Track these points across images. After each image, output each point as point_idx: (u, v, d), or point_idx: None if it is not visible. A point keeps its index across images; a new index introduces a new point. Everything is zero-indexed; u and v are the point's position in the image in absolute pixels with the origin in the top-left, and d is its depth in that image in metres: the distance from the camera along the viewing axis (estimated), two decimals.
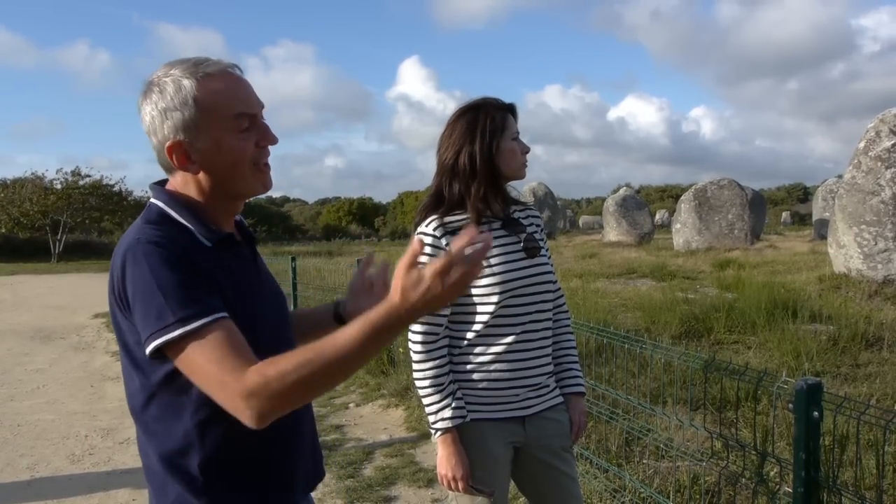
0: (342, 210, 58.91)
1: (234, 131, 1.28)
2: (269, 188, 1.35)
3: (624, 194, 23.49)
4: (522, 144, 1.98)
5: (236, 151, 1.28)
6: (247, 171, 1.31)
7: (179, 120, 1.25)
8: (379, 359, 6.21)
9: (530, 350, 1.94)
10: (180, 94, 1.25)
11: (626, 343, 3.37)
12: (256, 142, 1.31)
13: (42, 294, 15.46)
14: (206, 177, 1.30)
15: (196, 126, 1.26)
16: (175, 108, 1.25)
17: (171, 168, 1.31)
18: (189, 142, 1.27)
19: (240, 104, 1.29)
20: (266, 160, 1.34)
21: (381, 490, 3.86)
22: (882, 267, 8.54)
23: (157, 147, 1.30)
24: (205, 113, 1.26)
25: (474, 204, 1.92)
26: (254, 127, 1.31)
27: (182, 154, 1.27)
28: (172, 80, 1.26)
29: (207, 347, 1.14)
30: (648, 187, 72.18)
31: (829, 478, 2.26)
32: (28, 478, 4.27)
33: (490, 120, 1.93)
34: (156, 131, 1.28)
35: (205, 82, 1.26)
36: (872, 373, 5.25)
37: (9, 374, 7.21)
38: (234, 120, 1.28)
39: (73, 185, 30.86)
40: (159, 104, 1.26)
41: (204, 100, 1.26)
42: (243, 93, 1.31)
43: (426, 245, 1.90)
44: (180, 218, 1.28)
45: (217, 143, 1.27)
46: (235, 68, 1.32)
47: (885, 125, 8.62)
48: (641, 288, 9.99)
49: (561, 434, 2.02)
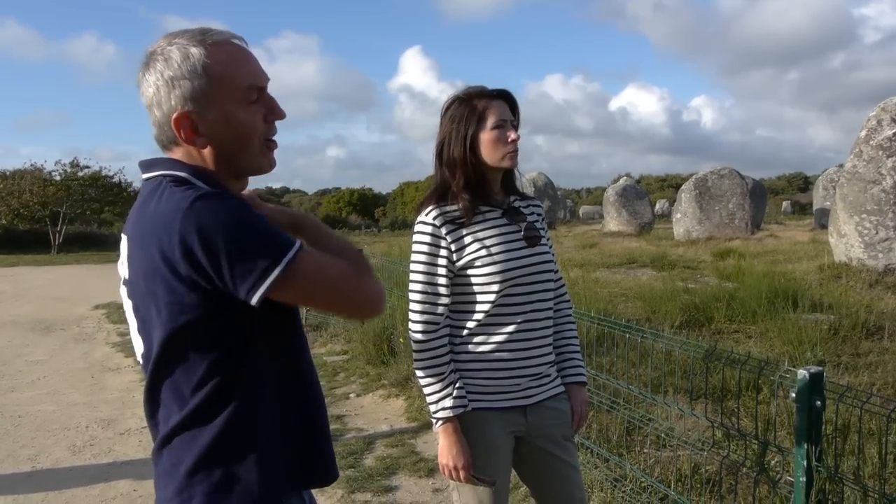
0: (342, 201, 58.80)
1: (243, 103, 1.23)
2: (273, 167, 1.30)
3: (624, 184, 23.44)
4: (507, 132, 1.92)
5: (247, 124, 1.23)
6: (256, 146, 1.26)
7: (188, 89, 1.19)
8: (379, 349, 6.21)
9: (532, 339, 1.94)
10: (188, 61, 1.19)
11: (626, 332, 3.37)
12: (264, 116, 1.26)
13: (42, 285, 15.46)
14: (212, 152, 1.24)
15: (206, 96, 1.20)
16: (183, 77, 1.19)
17: (172, 143, 1.25)
18: (198, 112, 1.20)
19: (249, 75, 1.24)
20: (273, 136, 1.29)
21: (381, 480, 3.86)
22: (883, 256, 8.52)
23: (160, 120, 1.23)
24: (215, 82, 1.20)
25: (459, 194, 1.92)
26: (262, 100, 1.26)
27: (190, 126, 1.21)
28: (179, 49, 1.20)
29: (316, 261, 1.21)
30: (649, 177, 72.05)
31: (830, 467, 2.26)
32: (29, 469, 4.27)
33: (469, 110, 1.92)
34: (160, 103, 1.21)
35: (213, 50, 1.21)
36: (873, 362, 5.24)
37: (9, 366, 7.22)
38: (245, 91, 1.23)
39: (72, 176, 30.79)
40: (165, 73, 1.20)
41: (214, 68, 1.20)
42: (252, 63, 1.25)
43: (426, 234, 1.90)
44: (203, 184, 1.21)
45: (227, 115, 1.22)
46: (241, 40, 1.26)
47: (887, 114, 8.59)
48: (642, 277, 9.98)
49: (562, 423, 2.01)
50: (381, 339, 6.26)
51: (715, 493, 3.08)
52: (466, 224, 1.90)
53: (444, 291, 1.90)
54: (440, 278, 1.90)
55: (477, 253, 1.89)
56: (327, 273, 1.21)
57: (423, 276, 1.91)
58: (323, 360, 6.73)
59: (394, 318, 6.20)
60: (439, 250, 1.90)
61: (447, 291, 1.90)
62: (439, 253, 1.90)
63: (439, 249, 1.90)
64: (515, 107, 2.00)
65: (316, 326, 8.19)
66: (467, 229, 1.90)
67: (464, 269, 1.90)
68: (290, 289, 1.17)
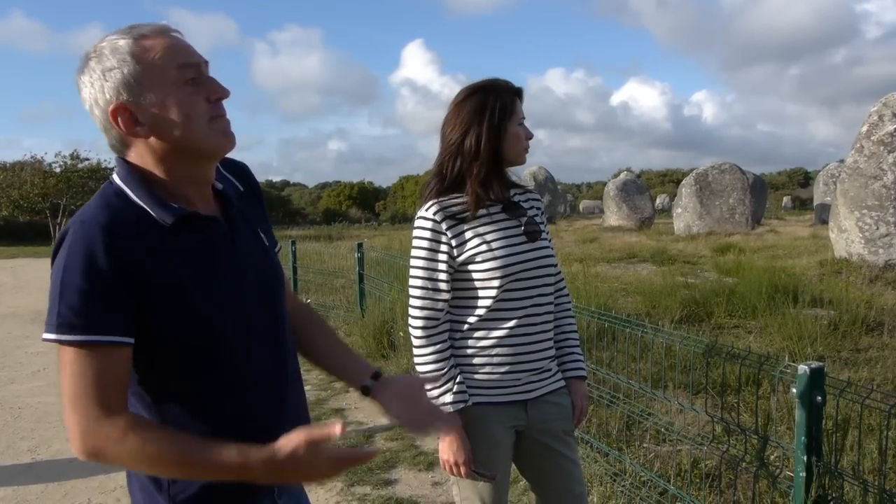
0: (342, 194, 58.81)
1: (179, 83, 1.18)
2: (233, 143, 1.24)
3: (625, 179, 23.44)
4: (527, 130, 1.96)
5: (186, 105, 1.18)
6: (202, 125, 1.20)
7: (119, 78, 1.16)
8: (379, 343, 6.21)
9: (532, 334, 1.93)
10: (117, 53, 1.16)
11: (626, 327, 3.36)
12: (206, 97, 1.21)
13: (42, 277, 15.44)
14: (157, 141, 1.20)
15: (138, 82, 1.16)
16: (114, 67, 1.16)
17: (122, 144, 1.22)
18: (133, 101, 1.17)
19: (179, 55, 1.20)
20: (221, 113, 1.24)
21: (381, 473, 3.86)
22: (883, 251, 8.51)
23: (102, 121, 1.20)
24: (146, 67, 1.17)
25: (473, 187, 1.90)
26: (201, 81, 1.21)
27: (128, 117, 1.17)
28: (108, 43, 1.18)
29: (76, 369, 1.12)
30: (649, 172, 72.03)
31: (830, 462, 2.26)
32: (29, 460, 4.28)
33: (500, 102, 1.90)
34: (97, 99, 1.18)
35: (141, 41, 1.18)
36: (873, 357, 5.25)
37: (9, 357, 7.22)
38: (178, 70, 1.18)
39: (71, 168, 30.79)
40: (97, 68, 1.17)
41: (142, 54, 1.17)
42: (182, 46, 1.22)
43: (426, 230, 1.89)
44: (136, 197, 1.19)
45: (164, 98, 1.17)
46: (173, 31, 1.23)
47: (889, 109, 8.56)
48: (642, 272, 9.98)
49: (563, 418, 2.01)
50: (381, 332, 6.26)
51: (714, 488, 3.08)
52: (468, 219, 1.89)
53: (445, 287, 1.89)
54: (440, 274, 1.89)
55: (478, 248, 1.88)
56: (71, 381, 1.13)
57: (423, 271, 1.90)
58: None
59: (394, 312, 6.20)
60: (440, 246, 1.89)
61: (447, 287, 1.90)
62: (440, 248, 1.89)
63: (440, 245, 1.89)
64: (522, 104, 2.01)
65: None
66: (468, 224, 1.89)
67: (464, 265, 1.89)
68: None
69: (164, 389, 1.22)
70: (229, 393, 1.24)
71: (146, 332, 1.16)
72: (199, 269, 1.21)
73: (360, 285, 7.36)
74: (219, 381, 1.23)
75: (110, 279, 1.11)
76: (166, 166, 1.22)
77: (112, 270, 1.12)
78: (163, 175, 1.22)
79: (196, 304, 1.19)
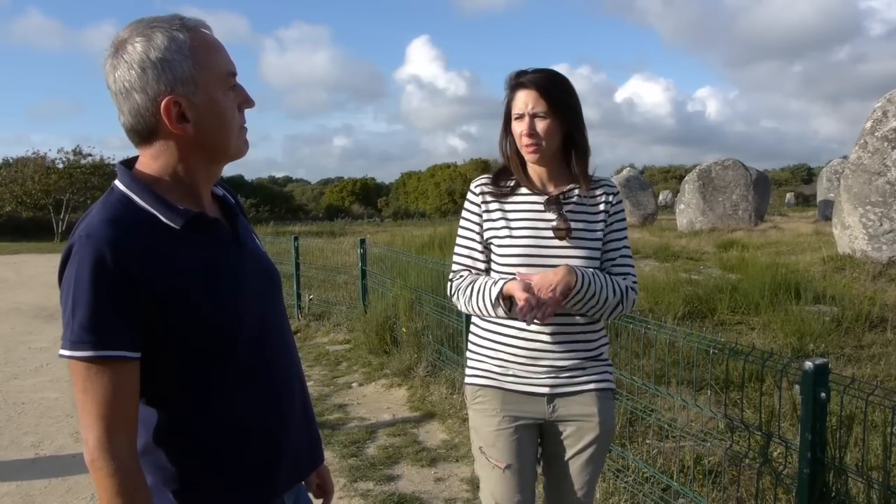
0: (345, 190, 58.79)
1: (224, 89, 1.21)
2: (248, 149, 1.29)
3: (628, 175, 23.38)
4: (524, 125, 1.89)
5: (229, 111, 1.22)
6: (236, 131, 1.24)
7: (179, 72, 1.15)
8: (382, 339, 6.21)
9: (548, 333, 1.90)
10: (175, 43, 1.16)
11: (630, 323, 3.36)
12: (238, 105, 1.24)
13: (45, 273, 15.46)
14: (194, 139, 1.20)
15: (194, 81, 1.17)
16: (173, 59, 1.15)
17: (151, 134, 1.20)
18: (186, 98, 1.17)
19: (228, 62, 1.22)
20: (245, 123, 1.27)
21: (384, 469, 3.86)
22: (887, 248, 8.49)
23: (141, 106, 1.17)
24: (201, 66, 1.17)
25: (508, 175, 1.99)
26: (236, 88, 1.24)
27: (178, 111, 1.17)
28: (162, 32, 1.16)
29: (90, 385, 1.13)
30: (652, 168, 71.85)
31: (834, 458, 2.25)
32: (32, 455, 4.28)
33: (506, 99, 1.96)
34: (145, 87, 1.15)
35: (195, 35, 1.18)
36: (876, 354, 5.24)
37: (13, 353, 7.23)
38: (225, 77, 1.21)
39: (74, 164, 30.84)
40: (151, 54, 1.14)
41: (199, 52, 1.17)
42: (226, 51, 1.24)
43: (468, 201, 2.00)
44: (142, 202, 1.19)
45: (212, 101, 1.19)
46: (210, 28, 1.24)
47: (893, 105, 8.53)
48: (645, 269, 9.96)
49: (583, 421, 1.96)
50: (383, 328, 6.26)
51: (718, 485, 3.08)
52: (502, 200, 1.96)
53: (478, 256, 1.98)
54: (473, 242, 1.99)
55: (500, 231, 1.93)
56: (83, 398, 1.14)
57: (461, 238, 2.03)
58: (325, 350, 6.74)
59: (396, 308, 6.20)
60: (472, 216, 2.00)
61: (481, 257, 1.98)
62: (472, 219, 2.00)
63: (473, 216, 2.00)
64: (547, 93, 1.88)
65: (319, 315, 8.19)
66: (499, 205, 1.96)
67: (489, 241, 1.96)
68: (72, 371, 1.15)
69: (174, 391, 1.22)
70: (241, 391, 1.25)
71: (157, 336, 1.16)
72: (210, 270, 1.22)
73: (363, 281, 7.36)
74: (229, 382, 1.24)
75: (120, 294, 1.12)
76: (187, 164, 1.22)
77: (121, 286, 1.12)
78: (181, 172, 1.23)
79: (208, 306, 1.19)
